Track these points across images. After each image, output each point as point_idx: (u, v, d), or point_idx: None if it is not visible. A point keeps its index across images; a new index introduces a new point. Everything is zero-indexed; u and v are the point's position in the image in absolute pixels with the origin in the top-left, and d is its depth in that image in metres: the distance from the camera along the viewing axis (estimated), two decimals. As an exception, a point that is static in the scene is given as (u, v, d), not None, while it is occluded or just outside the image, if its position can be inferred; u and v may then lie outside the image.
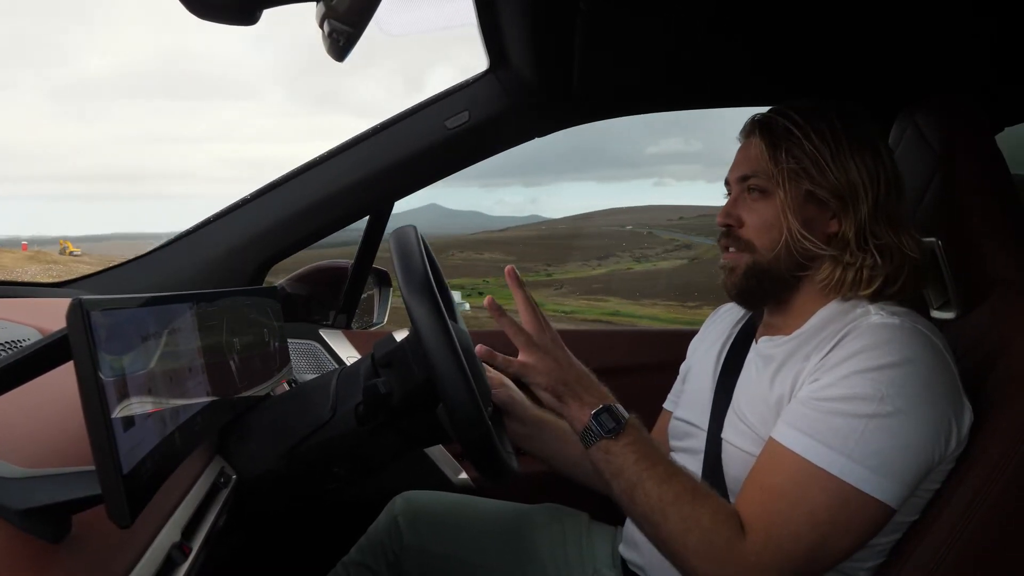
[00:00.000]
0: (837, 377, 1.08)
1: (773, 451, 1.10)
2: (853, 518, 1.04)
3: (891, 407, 1.03)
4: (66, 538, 0.74)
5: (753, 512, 1.07)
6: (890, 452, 1.03)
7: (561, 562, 1.49)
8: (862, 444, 1.02)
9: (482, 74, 1.81)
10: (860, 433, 1.03)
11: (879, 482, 1.02)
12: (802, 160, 1.21)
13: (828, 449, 1.03)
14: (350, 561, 1.57)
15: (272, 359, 1.38)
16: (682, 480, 1.10)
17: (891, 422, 1.03)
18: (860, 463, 1.02)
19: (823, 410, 1.06)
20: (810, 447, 1.05)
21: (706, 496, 1.09)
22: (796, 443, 1.06)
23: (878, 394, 1.03)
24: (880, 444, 1.02)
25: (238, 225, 1.89)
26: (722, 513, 1.07)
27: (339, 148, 1.88)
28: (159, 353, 0.83)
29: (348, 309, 2.11)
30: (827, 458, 1.03)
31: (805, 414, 1.08)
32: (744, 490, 1.12)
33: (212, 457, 1.20)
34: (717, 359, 1.40)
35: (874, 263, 1.18)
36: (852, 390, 1.05)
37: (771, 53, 1.58)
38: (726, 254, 1.29)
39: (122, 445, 0.69)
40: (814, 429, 1.05)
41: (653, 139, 57.01)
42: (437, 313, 1.13)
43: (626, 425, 1.13)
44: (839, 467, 1.03)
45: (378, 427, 1.25)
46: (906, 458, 1.04)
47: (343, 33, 0.95)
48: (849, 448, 1.03)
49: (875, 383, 1.04)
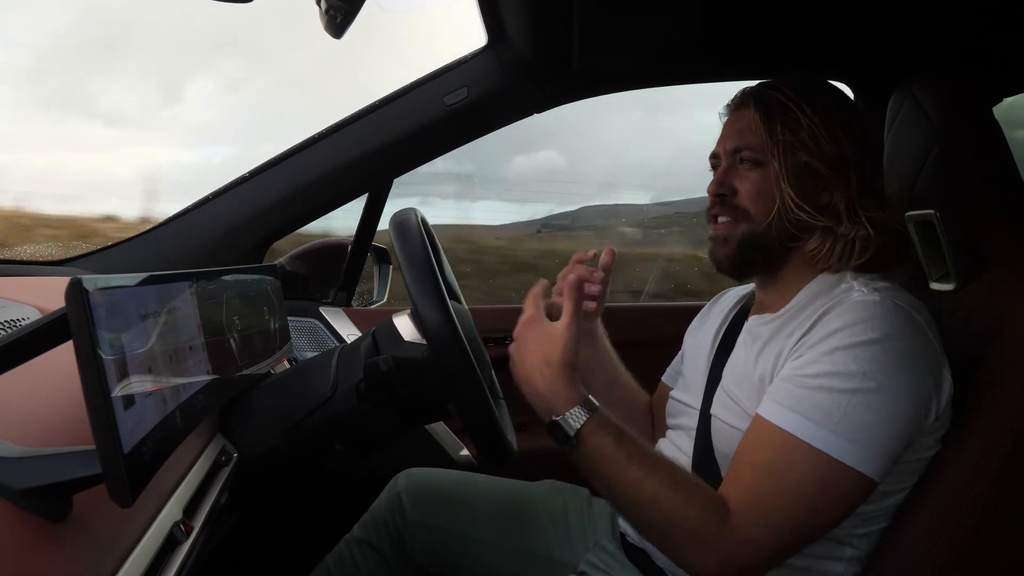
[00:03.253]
0: (820, 353, 1.09)
1: (759, 427, 1.11)
2: (838, 491, 1.06)
3: (873, 383, 1.05)
4: (67, 517, 0.74)
5: (741, 489, 1.08)
6: (873, 426, 1.05)
7: (563, 536, 1.50)
8: (846, 419, 1.04)
9: (480, 50, 1.80)
10: (844, 408, 1.05)
11: (862, 455, 1.04)
12: (798, 132, 1.22)
13: (813, 424, 1.05)
14: (353, 538, 1.58)
15: (272, 337, 1.38)
16: (658, 476, 1.08)
17: (873, 397, 1.05)
18: (844, 437, 1.04)
19: (808, 386, 1.08)
20: (796, 422, 1.06)
21: (687, 487, 1.09)
22: (782, 419, 1.08)
23: (861, 370, 1.05)
24: (863, 419, 1.04)
25: (238, 203, 1.89)
26: (707, 502, 1.07)
27: (337, 125, 1.88)
28: (159, 332, 0.83)
29: (348, 287, 2.11)
30: (812, 432, 1.05)
31: (790, 390, 1.10)
32: (732, 468, 1.13)
33: (213, 435, 1.20)
34: (713, 340, 1.42)
35: (867, 235, 1.20)
36: (835, 366, 1.07)
37: (769, 26, 1.57)
38: (716, 224, 1.30)
39: (122, 424, 0.68)
40: (799, 404, 1.07)
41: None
42: (441, 304, 1.13)
43: (580, 436, 1.10)
44: (824, 441, 1.04)
45: (379, 404, 1.25)
46: (888, 432, 1.06)
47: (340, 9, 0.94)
48: (834, 423, 1.04)
49: (858, 359, 1.06)
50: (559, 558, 1.48)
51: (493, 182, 2.33)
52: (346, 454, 1.31)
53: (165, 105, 11.37)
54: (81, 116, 10.92)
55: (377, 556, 1.55)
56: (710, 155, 1.35)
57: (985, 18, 1.48)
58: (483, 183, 6.23)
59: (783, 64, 1.62)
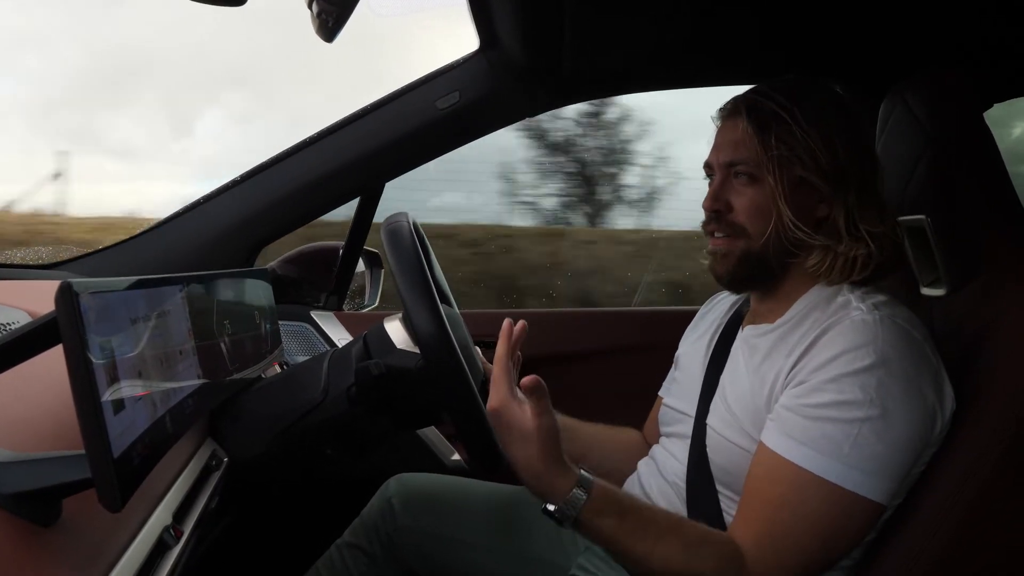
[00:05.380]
0: (824, 380, 1.08)
1: (769, 462, 1.10)
2: (852, 521, 1.06)
3: (880, 409, 1.05)
4: (57, 522, 0.74)
5: (757, 526, 1.07)
6: (884, 454, 1.05)
7: (554, 539, 1.50)
8: (856, 449, 1.04)
9: (472, 54, 1.80)
10: (853, 438, 1.04)
11: (875, 483, 1.04)
12: (793, 146, 1.19)
13: (824, 456, 1.05)
14: (344, 543, 1.58)
15: (263, 341, 1.37)
16: (667, 543, 1.05)
17: (881, 424, 1.05)
18: (856, 468, 1.04)
19: (815, 416, 1.07)
20: (806, 456, 1.06)
21: (699, 546, 1.07)
22: (792, 453, 1.07)
23: (867, 397, 1.05)
24: (874, 447, 1.04)
25: (229, 207, 1.88)
26: (721, 554, 1.06)
27: (329, 129, 1.87)
28: (149, 336, 0.83)
29: (339, 291, 2.10)
30: (824, 465, 1.04)
31: (797, 422, 1.08)
32: (745, 504, 1.12)
33: (203, 440, 1.20)
34: (707, 347, 1.40)
35: (868, 251, 1.18)
36: (842, 395, 1.06)
37: (758, 30, 1.57)
38: (714, 240, 1.27)
39: (112, 428, 0.68)
40: (808, 437, 1.06)
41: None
42: (435, 315, 1.13)
43: (580, 522, 1.04)
44: (836, 473, 1.04)
45: (370, 409, 1.25)
46: (898, 456, 1.06)
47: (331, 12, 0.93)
48: (844, 454, 1.04)
49: (864, 387, 1.05)
50: (550, 561, 1.48)
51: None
52: (337, 458, 1.30)
53: (175, 139, 11.24)
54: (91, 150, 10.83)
55: (368, 561, 1.55)
56: (704, 164, 1.32)
57: (977, 22, 1.48)
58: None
59: (775, 67, 1.62)
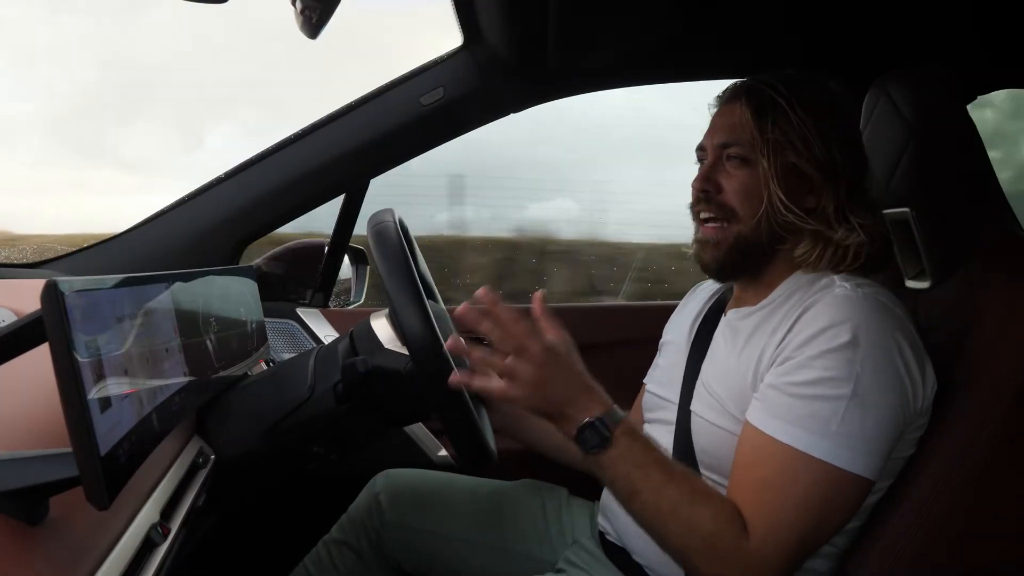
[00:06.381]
0: (808, 357, 1.09)
1: (757, 442, 1.10)
2: (842, 497, 1.07)
3: (864, 384, 1.05)
4: (44, 520, 0.74)
5: (750, 507, 1.08)
6: (871, 429, 1.05)
7: (542, 533, 1.50)
8: (843, 425, 1.05)
9: (456, 50, 1.80)
10: (841, 415, 1.05)
11: (863, 459, 1.05)
12: (788, 132, 1.20)
13: (811, 434, 1.05)
14: (331, 539, 1.58)
15: (249, 339, 1.37)
16: (678, 485, 1.07)
17: (865, 400, 1.05)
18: (843, 444, 1.04)
19: (801, 395, 1.07)
20: (794, 435, 1.06)
21: (705, 498, 1.08)
22: (780, 432, 1.07)
23: (852, 372, 1.05)
24: (861, 423, 1.05)
25: (213, 204, 1.88)
26: (723, 514, 1.06)
27: (314, 126, 1.87)
28: (135, 334, 0.83)
29: (325, 288, 2.10)
30: (812, 443, 1.05)
31: (783, 400, 1.09)
32: (736, 485, 1.12)
33: (190, 437, 1.20)
34: (689, 333, 1.40)
35: (861, 241, 1.18)
36: (827, 371, 1.07)
37: (743, 24, 1.58)
38: (705, 227, 1.27)
39: (99, 426, 0.68)
40: (794, 415, 1.07)
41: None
42: (423, 316, 1.13)
43: (613, 439, 1.06)
44: (825, 451, 1.04)
45: (357, 406, 1.25)
46: (883, 431, 1.06)
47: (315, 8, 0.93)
48: (831, 431, 1.05)
49: (849, 361, 1.06)
50: (538, 556, 1.48)
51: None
52: (324, 455, 1.30)
53: (186, 151, 11.14)
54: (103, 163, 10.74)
55: (355, 557, 1.55)
56: (696, 147, 1.31)
57: (960, 14, 1.49)
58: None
59: (760, 62, 1.63)
